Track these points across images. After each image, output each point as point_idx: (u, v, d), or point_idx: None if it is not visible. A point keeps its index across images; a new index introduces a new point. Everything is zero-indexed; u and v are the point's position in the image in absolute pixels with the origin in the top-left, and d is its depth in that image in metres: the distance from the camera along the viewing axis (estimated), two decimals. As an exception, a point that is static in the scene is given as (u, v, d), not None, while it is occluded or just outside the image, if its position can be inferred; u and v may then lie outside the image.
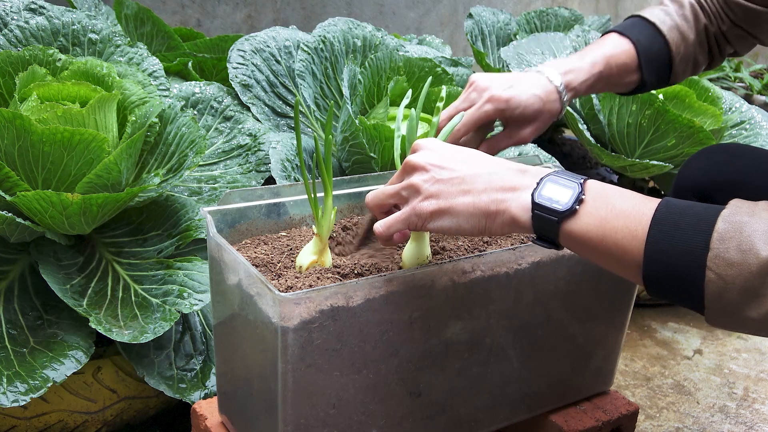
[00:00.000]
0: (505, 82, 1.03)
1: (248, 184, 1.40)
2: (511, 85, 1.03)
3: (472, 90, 1.05)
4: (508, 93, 1.02)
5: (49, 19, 1.32)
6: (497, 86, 1.03)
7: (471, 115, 1.03)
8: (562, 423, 1.05)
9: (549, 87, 1.05)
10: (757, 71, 4.26)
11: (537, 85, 1.04)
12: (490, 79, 1.04)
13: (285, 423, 0.80)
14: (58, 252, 1.17)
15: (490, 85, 1.03)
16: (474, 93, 1.04)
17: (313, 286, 0.79)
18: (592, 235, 0.69)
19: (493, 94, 1.02)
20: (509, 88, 1.03)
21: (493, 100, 1.02)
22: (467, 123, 1.03)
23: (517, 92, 1.03)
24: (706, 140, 1.62)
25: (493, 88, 1.03)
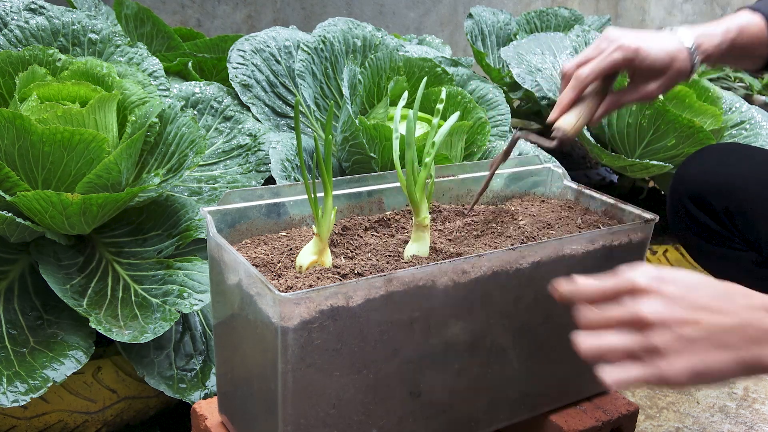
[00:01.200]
0: (637, 35, 1.05)
1: (248, 184, 1.40)
2: (642, 38, 1.04)
3: (602, 39, 1.06)
4: (637, 43, 1.03)
5: (49, 19, 1.32)
6: (628, 37, 1.04)
7: (599, 63, 1.03)
8: (562, 423, 1.05)
9: (680, 46, 1.05)
10: (757, 71, 4.25)
11: (668, 42, 1.05)
12: (622, 31, 1.05)
13: (285, 423, 0.80)
14: (58, 252, 1.17)
15: (621, 35, 1.04)
16: (604, 42, 1.05)
17: (313, 286, 0.79)
18: None
19: (622, 43, 1.03)
20: (640, 40, 1.03)
21: (623, 48, 1.03)
22: (595, 69, 1.04)
23: (648, 45, 1.03)
24: (706, 140, 1.62)
25: (624, 38, 1.03)
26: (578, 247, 0.96)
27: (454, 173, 1.17)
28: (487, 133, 1.56)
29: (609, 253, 1.00)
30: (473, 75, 1.73)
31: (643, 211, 1.06)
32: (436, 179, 1.11)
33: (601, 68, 1.03)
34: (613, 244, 1.00)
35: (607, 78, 1.06)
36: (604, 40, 1.05)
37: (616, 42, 1.04)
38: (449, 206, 1.13)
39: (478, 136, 1.56)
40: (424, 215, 0.91)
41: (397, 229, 1.03)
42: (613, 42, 1.04)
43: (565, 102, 1.04)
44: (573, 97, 1.04)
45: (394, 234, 1.02)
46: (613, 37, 1.05)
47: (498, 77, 2.22)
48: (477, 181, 1.19)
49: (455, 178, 1.17)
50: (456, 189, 1.18)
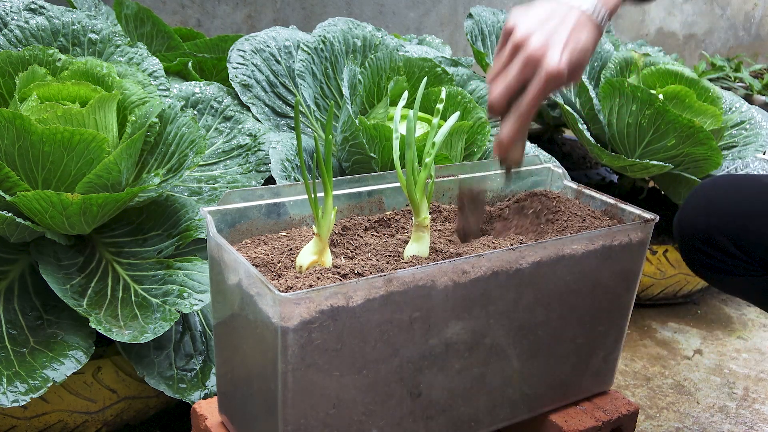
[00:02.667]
0: (550, 37, 0.95)
1: (248, 184, 1.40)
2: (559, 42, 0.95)
3: (522, 61, 0.95)
4: (565, 60, 0.94)
5: (49, 19, 1.32)
6: (552, 55, 0.94)
7: (533, 98, 0.95)
8: (562, 423, 1.05)
9: (592, 25, 0.98)
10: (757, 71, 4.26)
11: (587, 35, 0.97)
12: (533, 36, 0.95)
13: (285, 423, 0.80)
14: (58, 252, 1.17)
15: (541, 51, 0.94)
16: (527, 66, 0.94)
17: (313, 286, 0.79)
18: None
19: (551, 71, 0.93)
20: (565, 55, 0.94)
21: (555, 79, 0.94)
22: (532, 105, 0.96)
23: (575, 57, 0.96)
24: (706, 140, 1.62)
25: (549, 60, 0.93)
26: (578, 247, 0.97)
27: (454, 173, 1.17)
28: (487, 133, 1.56)
29: (609, 253, 1.00)
30: (473, 75, 1.73)
31: (643, 211, 1.06)
32: (436, 179, 1.11)
33: (534, 104, 0.96)
34: (613, 244, 1.00)
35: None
36: (526, 64, 0.95)
37: (544, 71, 0.94)
38: (449, 206, 1.13)
39: (478, 136, 1.56)
40: (424, 215, 0.91)
41: (397, 229, 1.03)
42: (538, 67, 0.94)
43: (509, 141, 0.98)
44: (515, 134, 0.98)
45: (394, 234, 1.02)
46: (533, 57, 0.94)
47: (498, 77, 2.22)
48: (477, 181, 1.19)
49: (455, 178, 1.17)
50: (456, 189, 1.18)
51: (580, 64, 0.97)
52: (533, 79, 0.95)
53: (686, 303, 1.96)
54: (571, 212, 1.10)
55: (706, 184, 1.18)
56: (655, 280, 1.84)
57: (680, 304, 1.95)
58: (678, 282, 1.86)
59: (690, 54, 4.48)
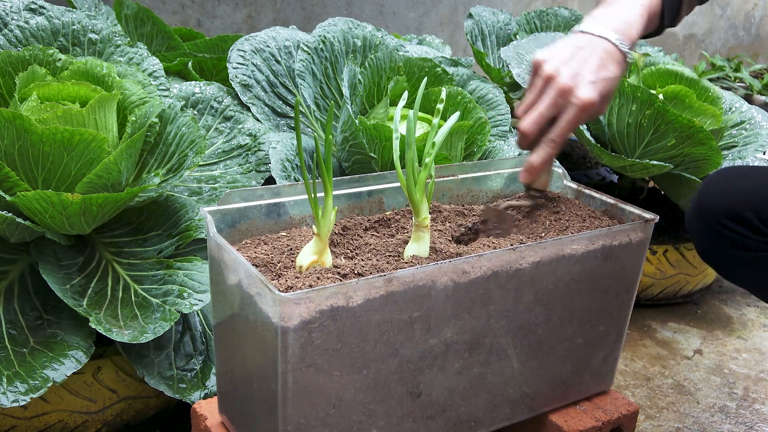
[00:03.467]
0: (581, 72, 1.00)
1: (248, 184, 1.40)
2: (590, 74, 1.00)
3: (554, 92, 1.00)
4: (596, 91, 0.99)
5: (49, 19, 1.32)
6: (583, 87, 0.99)
7: (565, 128, 1.00)
8: (562, 423, 1.05)
9: (619, 55, 1.03)
10: (757, 71, 4.26)
11: (614, 63, 1.02)
12: (562, 68, 1.00)
13: (285, 423, 0.80)
14: (58, 252, 1.17)
15: (571, 83, 0.99)
16: (559, 97, 1.00)
17: (313, 286, 0.79)
18: None
19: (582, 101, 0.98)
20: (595, 86, 1.00)
21: (585, 109, 0.99)
22: (562, 136, 1.01)
23: (602, 88, 1.01)
24: (706, 140, 1.62)
25: (581, 91, 0.99)
26: (578, 247, 0.97)
27: (454, 173, 1.17)
28: (487, 133, 1.56)
29: (609, 253, 1.00)
30: (473, 75, 1.73)
31: (643, 211, 1.06)
32: (436, 179, 1.11)
33: (566, 133, 1.01)
34: (613, 244, 1.00)
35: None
36: (558, 95, 1.00)
37: (577, 99, 0.99)
38: (449, 206, 1.13)
39: (478, 136, 1.56)
40: (424, 215, 0.91)
41: (397, 229, 1.03)
42: (570, 97, 0.99)
43: (539, 166, 1.04)
44: (546, 161, 1.03)
45: (394, 234, 1.02)
46: (565, 87, 0.99)
47: (498, 77, 2.22)
48: (477, 181, 1.19)
49: (455, 178, 1.17)
50: (456, 189, 1.18)
51: (609, 93, 1.03)
52: (566, 109, 1.00)
53: (686, 303, 1.96)
54: (572, 212, 1.10)
55: (727, 168, 1.20)
56: (655, 280, 1.84)
57: (680, 304, 1.95)
58: (678, 282, 1.86)
59: (690, 54, 4.48)
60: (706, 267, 1.88)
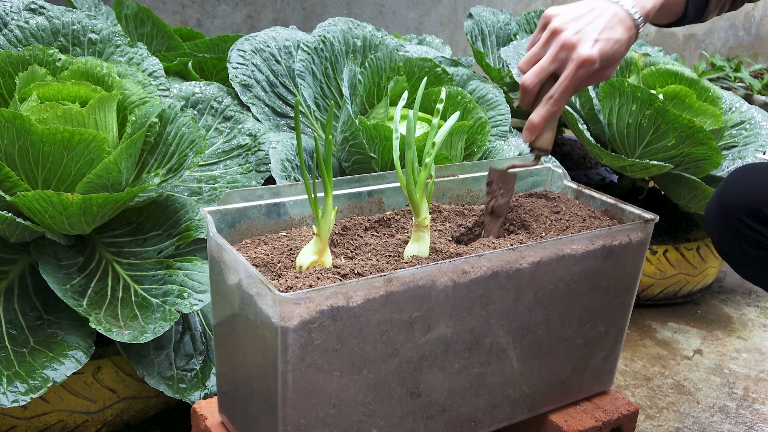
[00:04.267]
0: (586, 28, 1.00)
1: (248, 184, 1.40)
2: (594, 31, 1.00)
3: (557, 46, 1.00)
4: (597, 49, 1.00)
5: (49, 19, 1.32)
6: (585, 43, 0.99)
7: (566, 84, 1.00)
8: (562, 423, 1.05)
9: (629, 22, 1.03)
10: (757, 71, 4.26)
11: (622, 28, 1.02)
12: (569, 25, 1.00)
13: (285, 423, 0.80)
14: (58, 252, 1.17)
15: (574, 38, 0.99)
16: (561, 51, 1.00)
17: (313, 286, 0.79)
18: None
19: (582, 56, 0.98)
20: (599, 44, 1.00)
21: (585, 65, 0.99)
22: (564, 92, 1.01)
23: (606, 47, 1.01)
24: (706, 140, 1.62)
25: (582, 47, 0.99)
26: (578, 247, 0.97)
27: (454, 173, 1.17)
28: (487, 133, 1.56)
29: (609, 253, 1.00)
30: (473, 75, 1.73)
31: (643, 211, 1.06)
32: (436, 179, 1.11)
33: (566, 89, 1.01)
34: (613, 244, 1.00)
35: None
36: (560, 48, 1.00)
37: (576, 54, 0.99)
38: (449, 206, 1.13)
39: (478, 136, 1.56)
40: (424, 215, 0.91)
41: (397, 229, 1.03)
42: (572, 52, 1.00)
43: (539, 124, 1.03)
44: (546, 119, 1.03)
45: (394, 234, 1.02)
46: (568, 42, 1.00)
47: (498, 77, 2.22)
48: (477, 181, 1.19)
49: (455, 178, 1.17)
50: (456, 189, 1.18)
51: (613, 56, 1.02)
52: (566, 64, 1.00)
53: (686, 303, 1.96)
54: (572, 212, 1.10)
55: (747, 166, 1.19)
56: (655, 280, 1.84)
57: (680, 304, 1.95)
58: (678, 282, 1.86)
59: (690, 54, 4.48)
60: (706, 267, 1.88)
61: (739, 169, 1.18)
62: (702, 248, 1.87)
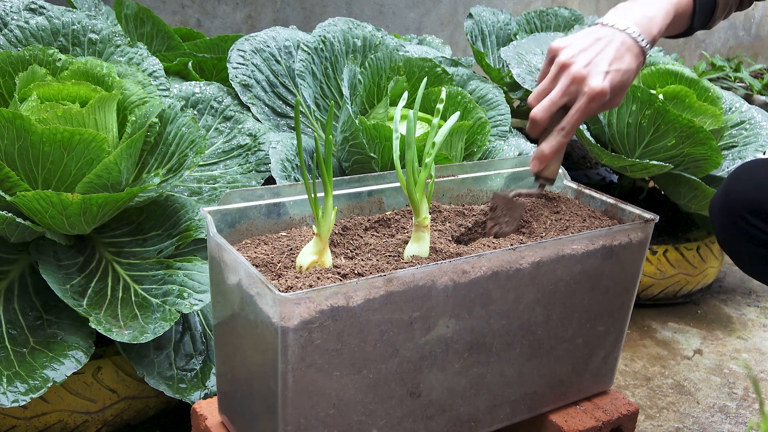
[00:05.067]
0: (596, 61, 1.01)
1: (248, 184, 1.40)
2: (604, 64, 1.01)
3: (567, 79, 1.01)
4: (608, 81, 1.00)
5: (49, 19, 1.32)
6: (595, 75, 1.00)
7: (577, 117, 1.01)
8: (562, 423, 1.05)
9: (637, 49, 1.03)
10: (757, 71, 4.26)
11: (630, 56, 1.03)
12: (578, 57, 1.01)
13: (285, 423, 0.80)
14: (58, 252, 1.17)
15: (584, 71, 1.00)
16: (572, 84, 1.00)
17: (313, 286, 0.79)
18: None
19: (594, 90, 0.99)
20: (609, 76, 1.00)
21: (596, 99, 1.00)
22: (573, 123, 1.02)
23: (617, 79, 1.01)
24: (706, 140, 1.62)
25: (592, 80, 0.99)
26: (578, 247, 0.97)
27: (454, 173, 1.17)
28: (487, 133, 1.56)
29: (609, 253, 1.00)
30: (473, 75, 1.73)
31: (643, 211, 1.06)
32: (436, 179, 1.11)
33: (577, 121, 1.02)
34: (613, 244, 1.00)
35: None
36: (571, 82, 1.01)
37: (588, 87, 1.00)
38: (449, 206, 1.13)
39: (478, 136, 1.56)
40: (424, 215, 0.91)
41: (397, 229, 1.03)
42: (582, 86, 1.00)
43: (549, 154, 1.05)
44: (556, 150, 1.04)
45: (394, 234, 1.02)
46: (578, 75, 1.00)
47: (498, 77, 2.22)
48: (477, 181, 1.19)
49: (455, 178, 1.17)
50: (456, 189, 1.18)
51: (623, 86, 1.03)
52: (577, 97, 1.01)
53: (686, 303, 1.96)
54: (572, 212, 1.10)
55: (754, 162, 1.19)
56: (655, 280, 1.84)
57: (680, 304, 1.95)
58: (678, 282, 1.86)
59: (690, 54, 4.48)
60: (706, 267, 1.88)
61: (744, 165, 1.18)
62: (702, 248, 1.87)
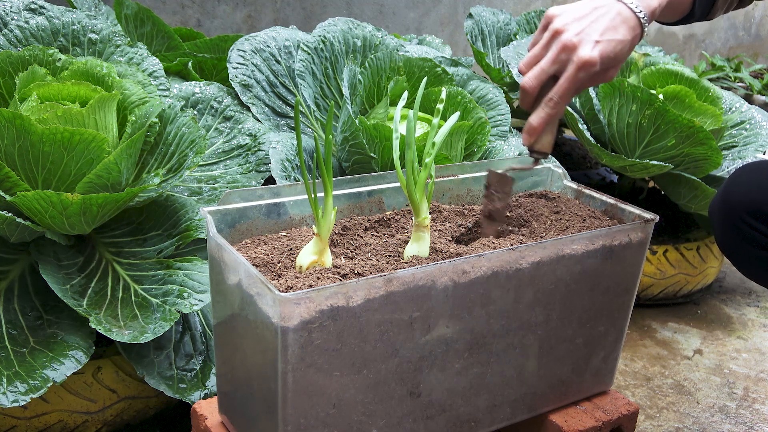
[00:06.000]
0: (589, 28, 0.98)
1: (248, 184, 1.40)
2: (596, 32, 0.98)
3: (557, 46, 0.98)
4: (599, 51, 0.98)
5: (49, 19, 1.32)
6: (586, 44, 0.97)
7: (566, 86, 0.98)
8: (562, 423, 1.05)
9: (633, 21, 1.01)
10: (757, 71, 4.26)
11: (626, 28, 1.00)
12: (571, 26, 0.98)
13: (285, 423, 0.80)
14: (58, 252, 1.17)
15: (575, 38, 0.97)
16: (562, 52, 0.98)
17: (313, 286, 0.79)
18: None
19: (583, 58, 0.96)
20: (600, 46, 0.98)
21: (586, 67, 0.97)
22: (563, 94, 0.99)
23: (608, 48, 0.98)
24: (706, 140, 1.62)
25: (583, 48, 0.97)
26: (578, 247, 0.97)
27: (454, 173, 1.17)
28: (487, 133, 1.56)
29: (609, 253, 1.00)
30: (473, 75, 1.73)
31: (643, 211, 1.06)
32: (436, 179, 1.11)
33: (566, 92, 0.99)
34: (613, 244, 1.00)
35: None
36: (561, 50, 0.98)
37: (576, 57, 0.97)
38: (449, 206, 1.13)
39: (478, 136, 1.56)
40: (424, 215, 0.91)
41: (397, 229, 1.03)
42: (572, 54, 0.98)
43: (538, 126, 1.01)
44: (545, 122, 1.01)
45: (394, 234, 1.02)
46: (568, 43, 0.98)
47: (498, 77, 2.22)
48: (477, 181, 1.19)
49: (455, 178, 1.17)
50: (456, 189, 1.18)
51: (616, 57, 1.00)
52: (567, 66, 0.98)
53: (686, 303, 1.96)
54: (572, 212, 1.10)
55: (754, 163, 1.18)
56: (655, 280, 1.84)
57: (680, 304, 1.95)
58: (678, 282, 1.86)
59: (690, 54, 4.48)
60: (706, 267, 1.88)
61: (743, 167, 1.18)
62: (702, 248, 1.87)
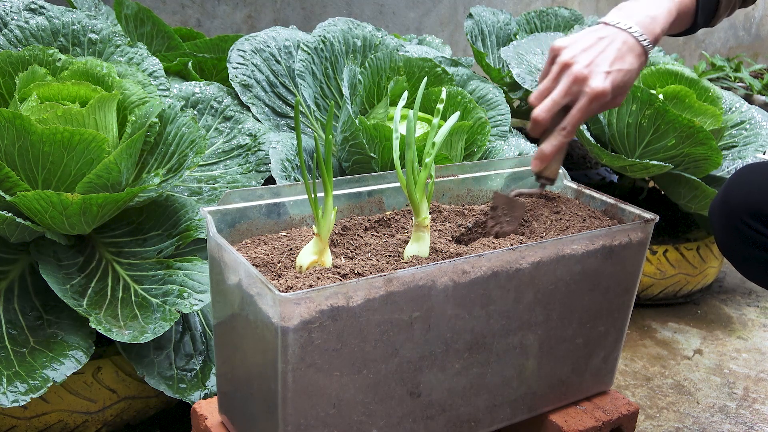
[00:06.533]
0: (598, 61, 1.01)
1: (248, 184, 1.40)
2: (605, 64, 1.01)
3: (568, 79, 1.01)
4: (610, 81, 1.00)
5: (49, 19, 1.32)
6: (597, 75, 1.00)
7: (577, 116, 1.02)
8: (562, 423, 1.05)
9: (639, 49, 1.03)
10: (757, 71, 4.26)
11: (632, 56, 1.03)
12: (580, 57, 1.01)
13: (285, 423, 0.80)
14: (58, 252, 1.17)
15: (585, 71, 1.00)
16: (574, 84, 1.01)
17: (313, 286, 0.79)
18: None
19: (595, 90, 0.99)
20: (611, 77, 1.01)
21: (597, 98, 1.00)
22: (574, 123, 1.02)
23: (618, 79, 1.01)
24: (706, 140, 1.62)
25: (594, 80, 1.00)
26: (578, 247, 0.97)
27: (454, 173, 1.17)
28: (487, 133, 1.56)
29: (609, 253, 1.00)
30: (473, 75, 1.73)
31: (643, 211, 1.06)
32: (436, 179, 1.11)
33: (578, 121, 1.02)
34: (613, 244, 1.00)
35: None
36: (572, 82, 1.01)
37: (589, 88, 1.00)
38: (449, 206, 1.13)
39: (478, 136, 1.56)
40: (424, 215, 0.91)
41: (397, 229, 1.03)
42: (584, 86, 1.00)
43: (550, 154, 1.05)
44: (557, 149, 1.05)
45: (394, 234, 1.02)
46: (579, 75, 1.00)
47: (498, 77, 2.22)
48: (477, 181, 1.19)
49: (455, 178, 1.17)
50: (456, 189, 1.18)
51: (625, 85, 1.03)
52: (579, 97, 1.01)
53: (686, 303, 1.96)
54: (572, 212, 1.10)
55: (754, 165, 1.19)
56: (655, 280, 1.84)
57: (680, 304, 1.95)
58: (678, 282, 1.86)
59: (690, 54, 4.48)
60: (706, 267, 1.88)
61: (744, 168, 1.18)
62: (702, 248, 1.87)
